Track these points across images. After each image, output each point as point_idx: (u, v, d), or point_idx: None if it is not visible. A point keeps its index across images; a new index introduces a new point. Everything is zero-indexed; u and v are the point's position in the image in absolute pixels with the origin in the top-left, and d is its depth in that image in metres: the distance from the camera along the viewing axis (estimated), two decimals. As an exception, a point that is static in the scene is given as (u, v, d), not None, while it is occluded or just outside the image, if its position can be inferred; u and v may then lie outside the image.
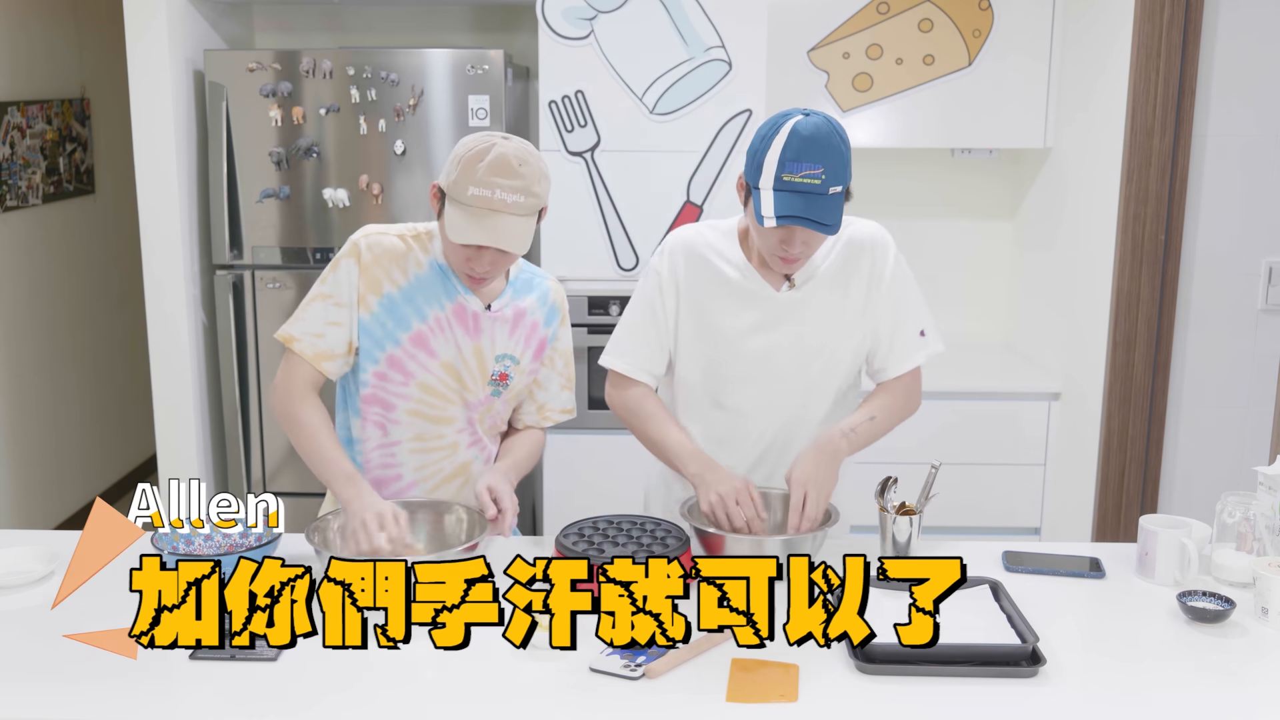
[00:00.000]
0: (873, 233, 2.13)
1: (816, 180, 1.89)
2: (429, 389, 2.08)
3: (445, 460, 2.14)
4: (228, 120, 3.52)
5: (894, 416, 2.15)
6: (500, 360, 2.11)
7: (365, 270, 2.03)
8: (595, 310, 3.50)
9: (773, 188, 1.90)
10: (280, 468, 3.72)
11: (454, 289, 2.06)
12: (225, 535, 2.06)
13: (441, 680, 1.63)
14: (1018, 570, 2.02)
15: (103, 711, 1.54)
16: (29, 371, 4.34)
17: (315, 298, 2.06)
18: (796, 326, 2.10)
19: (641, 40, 3.34)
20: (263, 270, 3.62)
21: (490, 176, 1.90)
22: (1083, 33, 3.47)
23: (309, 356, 2.04)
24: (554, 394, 2.25)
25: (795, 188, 1.89)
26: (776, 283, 2.10)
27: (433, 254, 2.07)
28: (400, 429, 2.11)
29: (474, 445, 2.16)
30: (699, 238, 2.14)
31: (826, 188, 1.90)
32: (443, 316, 2.06)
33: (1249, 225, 3.16)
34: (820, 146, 1.89)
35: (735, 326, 2.10)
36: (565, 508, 3.54)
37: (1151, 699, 1.60)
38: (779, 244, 1.98)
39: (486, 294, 2.10)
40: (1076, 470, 3.44)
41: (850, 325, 2.12)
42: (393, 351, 2.06)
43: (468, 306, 2.07)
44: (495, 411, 2.17)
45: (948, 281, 4.08)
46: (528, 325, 2.14)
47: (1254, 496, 2.04)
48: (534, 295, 2.16)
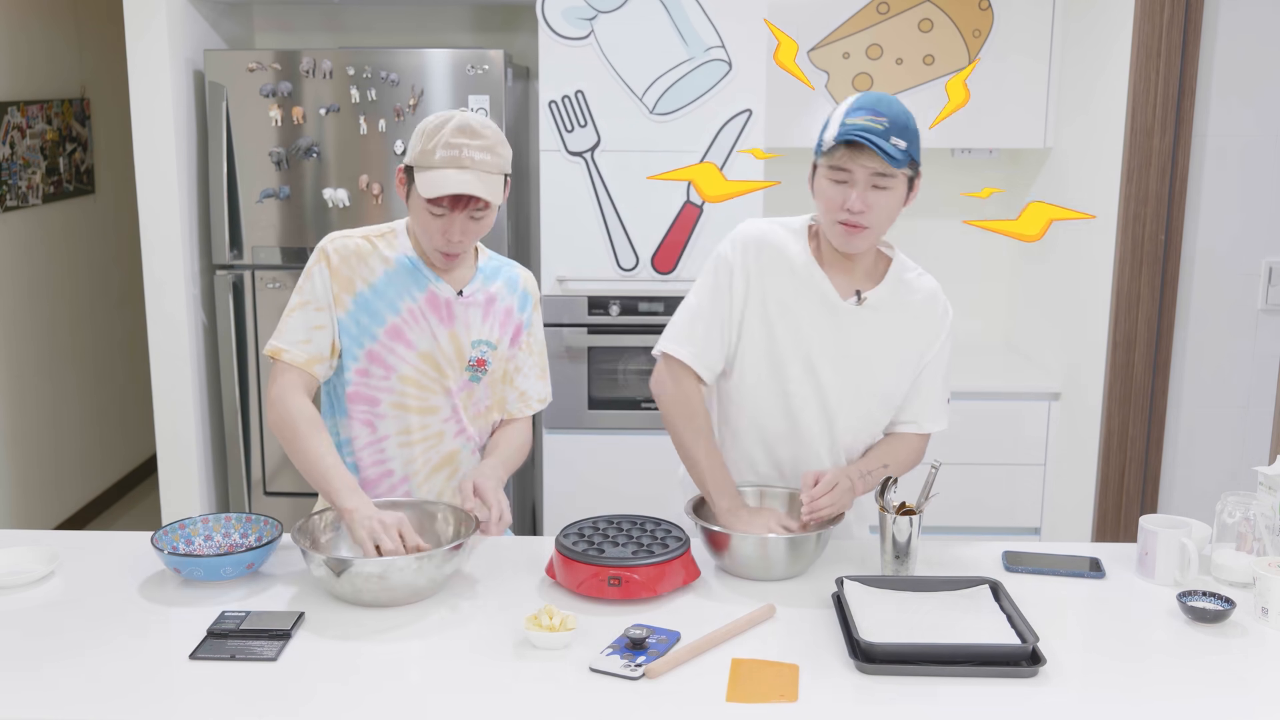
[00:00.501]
0: (940, 290, 2.17)
1: (879, 125, 1.92)
2: (409, 380, 2.11)
3: (432, 450, 2.16)
4: (228, 120, 3.53)
5: (902, 468, 2.18)
6: (477, 346, 2.14)
7: (336, 272, 2.08)
8: (595, 310, 3.50)
9: (836, 131, 1.94)
10: (280, 468, 3.72)
11: (424, 279, 2.10)
12: (225, 535, 2.06)
13: (441, 680, 1.63)
14: (1018, 570, 2.02)
15: (103, 711, 1.54)
16: (29, 371, 4.34)
17: (294, 308, 2.10)
18: (853, 341, 2.10)
19: (641, 40, 3.34)
20: (263, 270, 3.62)
21: (456, 138, 1.98)
22: (1083, 33, 3.47)
23: (300, 363, 2.07)
24: (532, 382, 2.27)
25: (857, 128, 1.92)
26: (844, 291, 2.09)
27: (399, 249, 2.12)
28: (386, 423, 2.13)
29: (460, 435, 2.18)
30: (771, 231, 2.13)
31: (888, 135, 1.92)
32: (415, 307, 2.09)
33: (1249, 225, 3.16)
34: (885, 103, 1.95)
35: (798, 324, 2.09)
36: (565, 508, 3.54)
37: (1151, 699, 1.60)
38: (840, 202, 1.97)
39: (457, 280, 2.13)
40: (1076, 470, 3.44)
41: (899, 365, 2.13)
42: (371, 347, 2.09)
43: (439, 294, 2.11)
44: (477, 398, 2.19)
45: (948, 282, 4.02)
46: (501, 311, 2.17)
47: (1254, 496, 2.04)
48: (501, 280, 2.19)
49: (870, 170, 1.94)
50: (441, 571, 1.85)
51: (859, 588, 1.86)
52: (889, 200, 1.98)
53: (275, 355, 2.09)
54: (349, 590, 1.82)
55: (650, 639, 1.71)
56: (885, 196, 1.97)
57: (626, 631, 1.73)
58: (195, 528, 2.05)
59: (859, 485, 2.07)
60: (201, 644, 1.71)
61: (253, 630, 1.74)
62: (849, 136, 1.92)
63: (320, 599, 1.87)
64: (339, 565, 1.80)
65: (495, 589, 1.94)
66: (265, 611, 1.81)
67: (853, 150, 1.93)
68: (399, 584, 1.81)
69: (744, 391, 2.15)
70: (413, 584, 1.82)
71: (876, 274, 2.12)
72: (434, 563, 1.82)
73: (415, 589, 1.84)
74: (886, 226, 2.02)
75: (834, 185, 1.97)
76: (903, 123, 1.95)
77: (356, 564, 1.80)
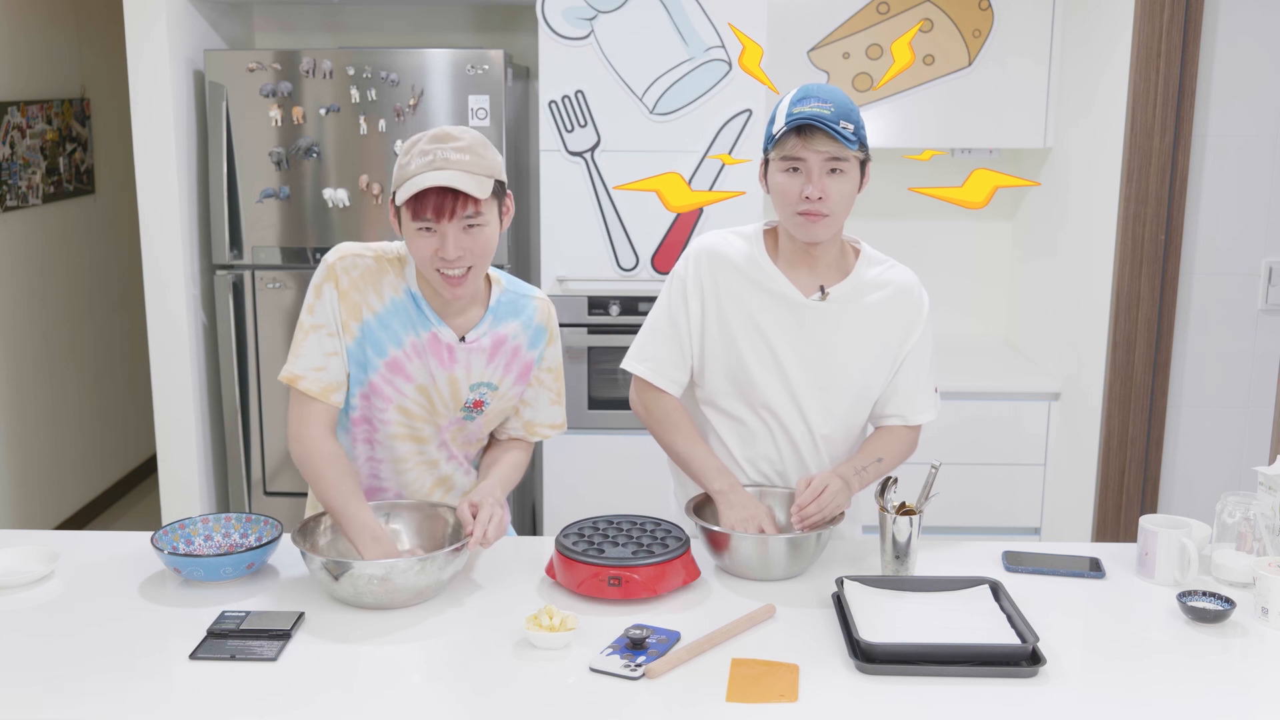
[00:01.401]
0: (914, 283, 2.16)
1: (826, 110, 1.94)
2: (406, 411, 2.04)
3: (426, 475, 2.12)
4: (228, 120, 3.53)
5: (897, 460, 2.18)
6: (476, 389, 2.05)
7: (344, 296, 1.98)
8: (595, 310, 3.50)
9: (784, 121, 1.96)
10: (280, 468, 3.72)
11: (428, 320, 2.00)
12: (225, 535, 2.06)
13: (442, 680, 1.63)
14: (1018, 570, 2.02)
15: (103, 711, 1.54)
16: (29, 371, 4.34)
17: (308, 330, 2.00)
18: (819, 337, 2.10)
19: (641, 40, 3.34)
20: (263, 270, 3.62)
21: (430, 145, 1.88)
22: (1083, 33, 3.47)
23: (317, 392, 1.98)
24: (542, 410, 2.18)
25: (806, 114, 1.94)
26: (806, 290, 2.10)
27: (406, 280, 2.01)
28: (384, 448, 2.09)
29: (451, 460, 2.14)
30: (723, 242, 2.14)
31: (836, 119, 1.94)
32: (418, 342, 2.00)
33: (1249, 225, 3.16)
34: (828, 90, 1.98)
35: (759, 325, 2.09)
36: (565, 508, 3.54)
37: (1151, 699, 1.60)
38: (797, 192, 1.98)
39: (462, 324, 2.02)
40: (1076, 470, 3.44)
41: (873, 359, 2.13)
42: (372, 378, 2.01)
43: (441, 338, 2.00)
44: (469, 431, 2.13)
45: (948, 282, 4.08)
46: (508, 351, 2.07)
47: (1254, 496, 2.04)
48: (518, 321, 2.07)
49: (823, 155, 1.95)
50: (443, 573, 1.85)
51: (859, 588, 1.86)
52: (845, 185, 1.99)
53: (292, 382, 1.99)
54: (349, 592, 1.82)
55: (650, 639, 1.71)
56: (840, 181, 1.98)
57: (626, 631, 1.73)
58: (195, 528, 2.05)
59: (854, 482, 2.08)
60: (201, 644, 1.71)
61: (253, 630, 1.74)
62: (800, 121, 1.93)
63: (320, 599, 1.87)
64: (338, 568, 1.80)
65: (495, 589, 1.94)
66: (265, 611, 1.81)
67: (804, 137, 1.95)
68: (401, 586, 1.81)
69: (717, 399, 2.16)
70: (414, 586, 1.82)
71: (843, 269, 2.12)
72: (435, 565, 1.82)
73: (417, 591, 1.84)
74: (846, 213, 2.03)
75: (788, 176, 1.99)
76: (848, 107, 1.97)
77: (357, 566, 1.80)
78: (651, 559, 1.87)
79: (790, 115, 1.95)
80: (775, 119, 1.99)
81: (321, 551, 1.95)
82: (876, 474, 2.12)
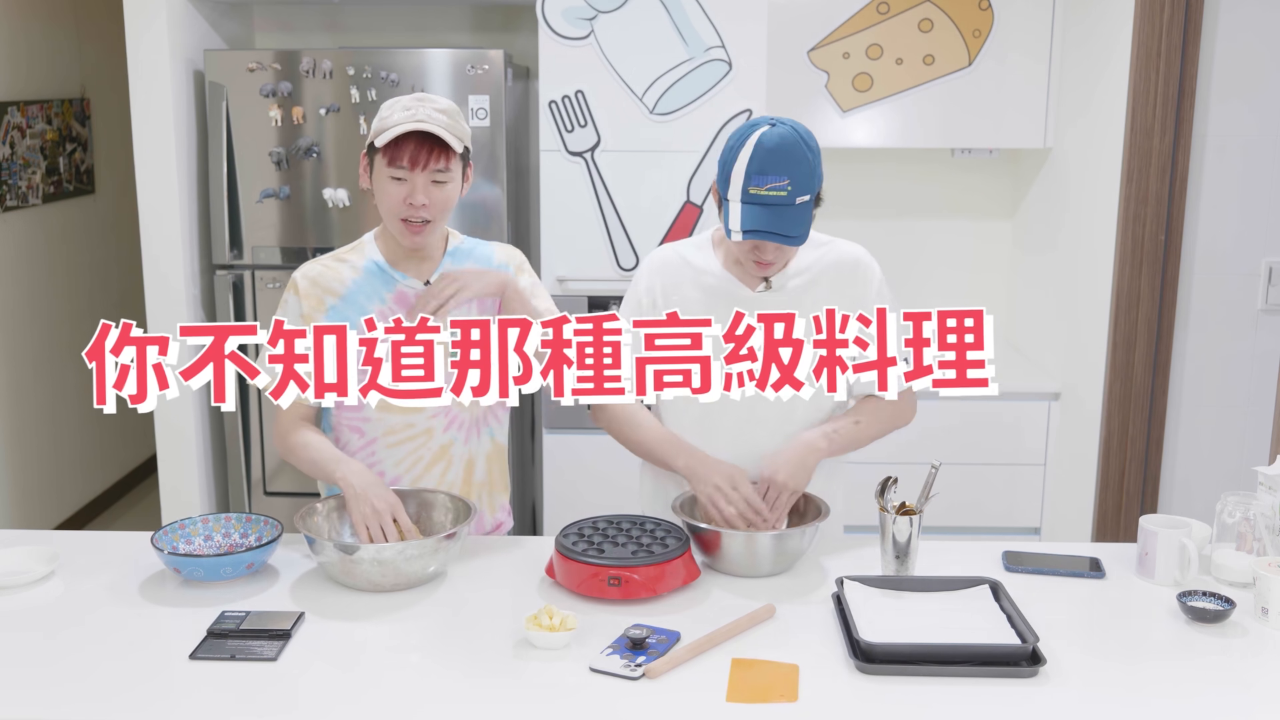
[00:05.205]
0: (859, 255, 2.18)
1: (782, 192, 1.93)
2: None
3: (422, 448, 2.17)
4: (228, 120, 3.52)
5: (883, 424, 2.18)
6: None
7: (305, 296, 2.14)
8: (595, 310, 3.49)
9: (740, 200, 1.95)
10: (280, 468, 3.72)
11: (391, 279, 2.14)
12: (225, 535, 2.06)
13: (441, 680, 1.64)
14: (1018, 570, 2.02)
15: (103, 711, 1.54)
16: (28, 371, 4.34)
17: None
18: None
19: (641, 40, 3.34)
20: (263, 270, 3.62)
21: (414, 103, 2.05)
22: (1083, 33, 3.47)
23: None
24: (541, 300, 2.22)
25: (762, 200, 1.93)
26: (752, 284, 2.13)
27: (367, 257, 2.16)
28: (373, 426, 2.15)
29: (451, 426, 2.18)
30: (673, 253, 2.21)
31: (793, 199, 1.94)
32: (384, 308, 2.12)
33: (1249, 225, 3.16)
34: (786, 157, 1.94)
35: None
36: (565, 508, 3.54)
37: (1151, 699, 1.60)
38: (751, 251, 2.04)
39: (423, 271, 2.15)
40: (1076, 470, 3.44)
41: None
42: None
43: (407, 291, 2.14)
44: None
45: (948, 281, 4.07)
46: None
47: (1254, 496, 2.03)
48: (471, 260, 2.20)
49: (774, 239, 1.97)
50: (437, 559, 1.91)
51: (859, 588, 1.86)
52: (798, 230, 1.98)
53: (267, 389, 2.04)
54: (359, 575, 1.86)
55: (650, 639, 1.71)
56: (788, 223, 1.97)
57: (626, 631, 1.73)
58: (195, 528, 2.05)
59: (823, 445, 2.08)
60: (201, 644, 1.71)
61: (253, 630, 1.74)
62: (754, 234, 1.95)
63: (321, 598, 1.88)
64: (348, 550, 1.85)
65: (495, 589, 1.94)
66: (265, 611, 1.81)
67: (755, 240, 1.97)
68: (407, 570, 1.87)
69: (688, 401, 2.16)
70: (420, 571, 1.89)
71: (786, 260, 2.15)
72: (429, 548, 1.88)
73: (420, 575, 1.90)
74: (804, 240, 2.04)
75: (746, 248, 2.02)
76: (803, 168, 1.95)
77: (364, 549, 1.84)
78: (651, 559, 1.87)
79: (746, 196, 1.93)
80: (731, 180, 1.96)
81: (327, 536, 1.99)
82: (854, 436, 2.13)
